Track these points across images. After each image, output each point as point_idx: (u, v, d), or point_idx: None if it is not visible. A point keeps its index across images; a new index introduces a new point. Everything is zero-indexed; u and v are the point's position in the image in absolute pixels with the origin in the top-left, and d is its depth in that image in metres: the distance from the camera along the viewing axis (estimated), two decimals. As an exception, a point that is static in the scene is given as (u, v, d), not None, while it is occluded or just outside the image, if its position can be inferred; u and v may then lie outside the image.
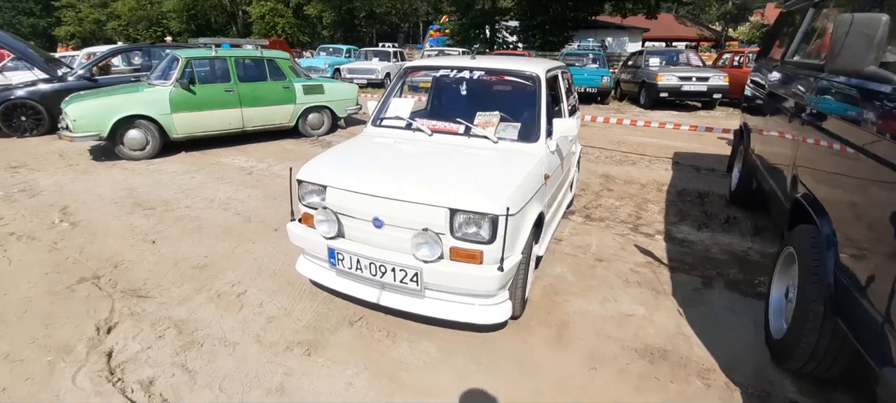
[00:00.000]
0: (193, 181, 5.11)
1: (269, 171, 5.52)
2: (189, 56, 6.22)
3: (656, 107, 10.57)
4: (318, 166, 2.58)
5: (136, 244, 3.51)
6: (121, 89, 6.17)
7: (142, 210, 4.22)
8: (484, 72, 3.10)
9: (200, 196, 4.61)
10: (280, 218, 4.03)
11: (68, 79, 7.65)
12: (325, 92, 7.41)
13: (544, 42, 21.51)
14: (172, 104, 6.03)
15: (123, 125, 5.81)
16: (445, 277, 2.21)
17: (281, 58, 7.12)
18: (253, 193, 4.70)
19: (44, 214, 4.11)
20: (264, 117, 6.89)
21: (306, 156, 6.42)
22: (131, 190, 4.80)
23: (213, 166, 5.75)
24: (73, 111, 5.51)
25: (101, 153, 6.24)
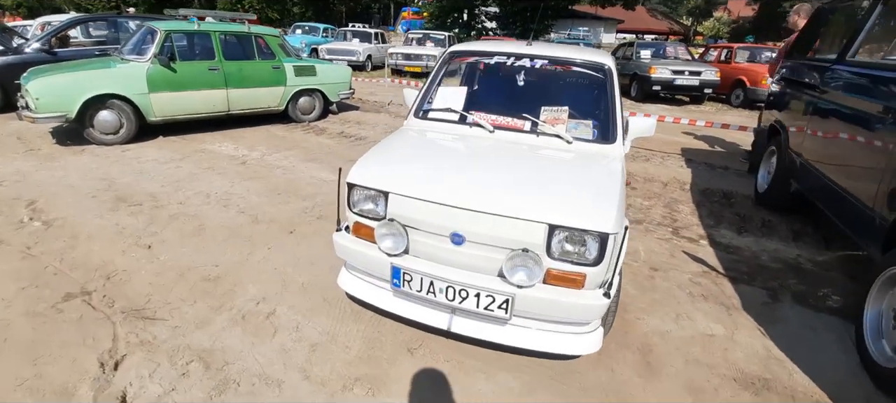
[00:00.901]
0: (180, 171, 4.54)
1: (264, 161, 5.00)
2: (169, 29, 5.54)
3: (647, 101, 10.52)
4: (374, 167, 2.19)
5: (128, 249, 2.99)
6: (89, 64, 5.44)
7: (126, 206, 3.66)
8: (547, 60, 2.76)
9: (193, 189, 4.07)
10: (291, 217, 3.58)
11: (24, 51, 6.75)
12: (317, 74, 6.86)
13: (524, 29, 21.26)
14: (150, 82, 5.37)
15: (93, 105, 5.12)
16: (540, 304, 1.89)
17: (270, 35, 6.51)
18: (252, 187, 4.20)
19: (8, 210, 3.50)
20: (252, 100, 6.29)
21: (299, 143, 5.97)
22: (109, 181, 4.20)
23: (198, 154, 5.16)
24: (36, 88, 4.79)
25: (66, 136, 5.51)
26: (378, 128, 6.82)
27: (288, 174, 4.61)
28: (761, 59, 10.70)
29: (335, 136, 6.24)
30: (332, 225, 3.48)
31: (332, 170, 4.80)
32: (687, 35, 32.58)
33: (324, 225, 3.47)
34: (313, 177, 4.55)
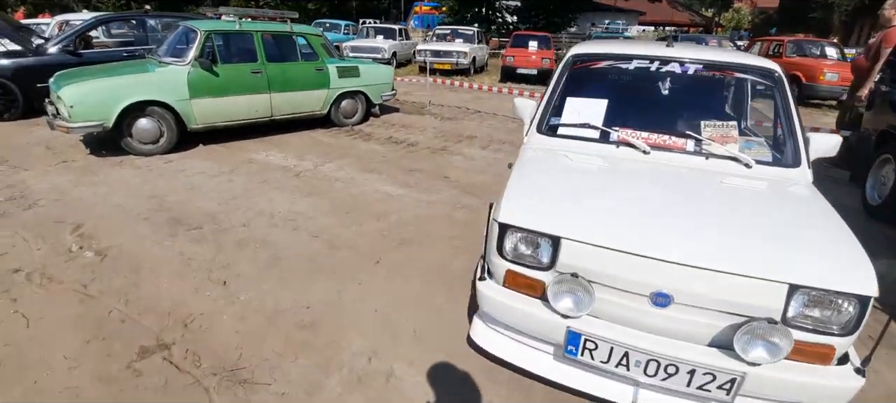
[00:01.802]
0: (234, 186, 4.13)
1: (318, 173, 4.58)
2: (209, 29, 5.13)
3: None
4: (533, 204, 1.75)
5: (201, 286, 2.59)
6: (125, 68, 5.05)
7: (185, 230, 3.26)
8: (700, 65, 2.30)
9: (253, 208, 3.67)
10: (371, 242, 3.16)
11: (47, 53, 6.38)
12: (360, 75, 6.43)
13: (547, 23, 20.70)
14: (191, 88, 4.97)
15: (132, 113, 4.73)
16: (775, 385, 1.46)
17: (312, 34, 6.09)
18: (317, 205, 3.79)
19: (53, 237, 3.11)
20: (295, 104, 5.88)
21: (349, 151, 5.58)
22: (159, 198, 3.80)
23: (246, 165, 4.76)
24: (70, 95, 4.40)
25: (100, 145, 5.13)
26: (427, 132, 6.39)
27: (349, 188, 4.19)
28: (812, 53, 10.14)
29: (384, 142, 5.81)
30: (419, 251, 3.07)
31: (394, 180, 4.38)
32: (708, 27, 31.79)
33: (411, 253, 3.05)
34: (378, 191, 4.13)
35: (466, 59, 12.24)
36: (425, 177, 4.52)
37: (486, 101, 9.10)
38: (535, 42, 11.89)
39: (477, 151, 5.52)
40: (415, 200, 3.94)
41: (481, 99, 9.43)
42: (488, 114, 7.78)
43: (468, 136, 6.19)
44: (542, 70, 11.25)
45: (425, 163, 4.96)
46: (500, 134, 6.40)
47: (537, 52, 11.62)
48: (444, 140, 5.99)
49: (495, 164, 5.03)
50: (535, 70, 11.27)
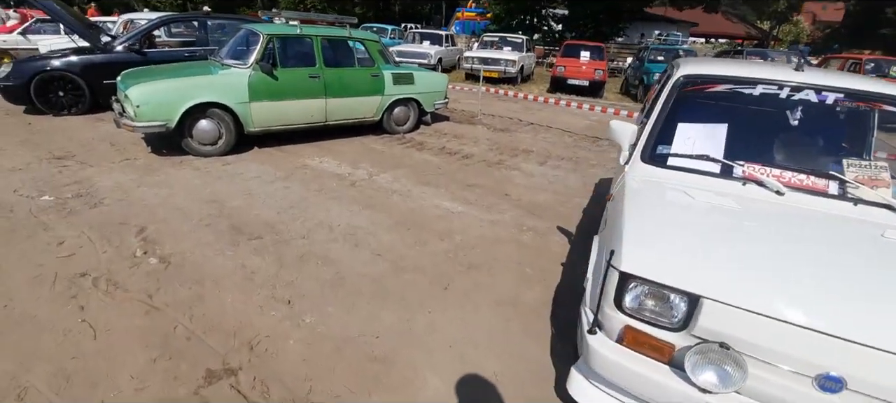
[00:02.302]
0: (290, 193, 4.05)
1: (374, 183, 4.45)
2: (271, 33, 5.11)
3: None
4: (663, 252, 1.51)
5: (266, 304, 2.47)
6: (189, 70, 5.09)
7: (246, 239, 3.17)
8: (842, 94, 2.00)
9: (312, 219, 3.56)
10: (436, 264, 2.98)
11: (114, 51, 6.56)
12: (415, 82, 6.31)
13: (596, 32, 20.19)
14: (251, 91, 4.95)
15: (193, 114, 4.74)
16: None
17: (370, 39, 6.01)
18: (375, 218, 3.64)
19: (118, 239, 3.08)
20: (349, 110, 5.80)
21: (402, 161, 5.30)
22: (219, 204, 3.75)
23: (301, 171, 4.69)
24: (138, 94, 4.44)
25: (161, 143, 5.18)
26: (480, 143, 6.19)
27: (407, 201, 4.03)
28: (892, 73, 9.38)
29: (438, 153, 5.65)
30: (488, 277, 2.86)
31: (453, 195, 4.20)
32: (763, 40, 30.30)
33: (480, 279, 2.84)
34: (437, 207, 3.95)
35: (514, 68, 12.00)
36: (485, 194, 4.31)
37: (536, 112, 8.83)
38: (587, 52, 11.52)
39: (535, 167, 5.28)
40: (477, 219, 3.74)
41: (531, 109, 9.17)
42: (542, 127, 7.51)
43: (524, 150, 5.95)
44: (595, 81, 10.88)
45: (483, 178, 4.76)
46: (558, 149, 6.13)
47: (589, 62, 11.24)
48: (500, 153, 5.77)
49: (556, 182, 4.77)
50: (588, 81, 10.90)
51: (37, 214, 3.41)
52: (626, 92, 12.15)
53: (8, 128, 5.72)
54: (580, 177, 4.98)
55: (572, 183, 4.80)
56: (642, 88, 10.39)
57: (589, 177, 5.00)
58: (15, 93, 6.19)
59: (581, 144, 6.47)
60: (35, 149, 4.97)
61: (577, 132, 7.26)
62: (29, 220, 3.30)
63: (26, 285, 2.53)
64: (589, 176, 5.07)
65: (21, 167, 4.39)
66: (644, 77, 10.31)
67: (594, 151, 6.12)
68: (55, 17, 6.39)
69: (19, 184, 3.98)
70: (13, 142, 5.17)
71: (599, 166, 5.45)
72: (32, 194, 3.77)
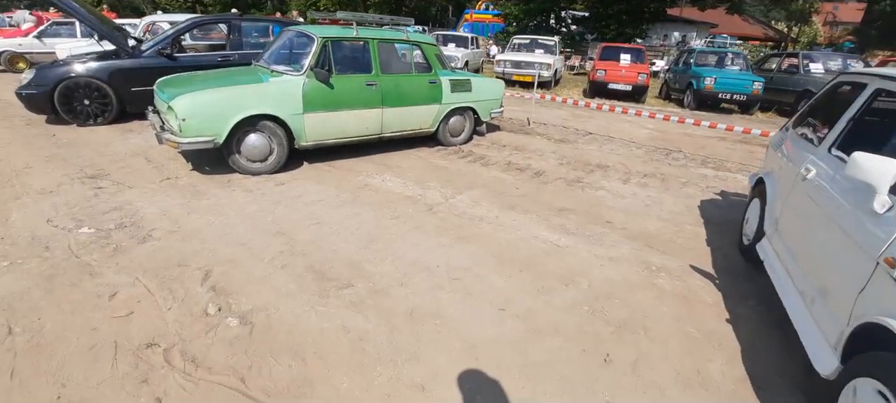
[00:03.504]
0: (363, 222, 3.49)
1: (452, 207, 3.89)
2: (326, 36, 4.56)
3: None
4: None
5: (394, 391, 1.90)
6: (234, 77, 4.53)
7: (335, 288, 2.60)
8: None
9: (400, 256, 2.99)
10: (578, 324, 2.41)
11: (142, 56, 6.02)
12: (472, 89, 5.74)
13: (618, 34, 19.62)
14: (305, 101, 4.40)
15: (242, 127, 4.19)
16: None
17: (427, 43, 5.45)
18: (476, 256, 3.07)
19: (181, 289, 2.52)
20: (406, 120, 5.24)
21: (473, 179, 4.60)
22: (286, 235, 3.19)
23: (365, 192, 4.13)
24: (184, 106, 3.89)
25: (203, 159, 4.64)
26: (547, 157, 5.61)
27: (501, 231, 3.47)
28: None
29: (506, 168, 5.08)
30: (649, 342, 2.25)
31: (548, 223, 3.63)
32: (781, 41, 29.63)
33: (641, 345, 2.27)
34: (536, 238, 3.38)
35: (549, 72, 11.43)
36: (583, 221, 3.75)
37: (587, 120, 8.25)
38: (627, 54, 10.94)
39: (620, 186, 4.70)
40: (590, 255, 3.17)
41: (579, 116, 8.59)
42: (601, 136, 6.93)
43: (598, 165, 5.38)
44: (638, 86, 10.29)
45: (569, 200, 4.19)
46: (634, 163, 5.55)
47: (630, 65, 10.66)
48: (572, 168, 5.20)
49: (653, 205, 4.19)
50: (631, 86, 10.31)
51: (78, 253, 2.85)
52: (667, 96, 11.56)
53: (32, 141, 5.19)
54: (677, 199, 4.40)
55: (672, 206, 4.22)
56: (691, 94, 9.79)
57: (686, 199, 4.42)
58: (37, 102, 5.66)
59: (654, 157, 5.89)
60: (64, 165, 4.43)
61: (641, 143, 6.68)
62: (70, 262, 2.75)
63: (81, 359, 1.97)
64: (684, 196, 4.49)
65: (51, 189, 3.85)
66: (693, 81, 9.71)
67: (675, 166, 5.53)
68: (81, 20, 5.86)
69: (52, 211, 3.43)
70: (40, 157, 4.63)
71: (691, 184, 4.87)
72: (69, 225, 3.22)
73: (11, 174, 4.16)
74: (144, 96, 6.01)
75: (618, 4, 19.36)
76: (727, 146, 6.82)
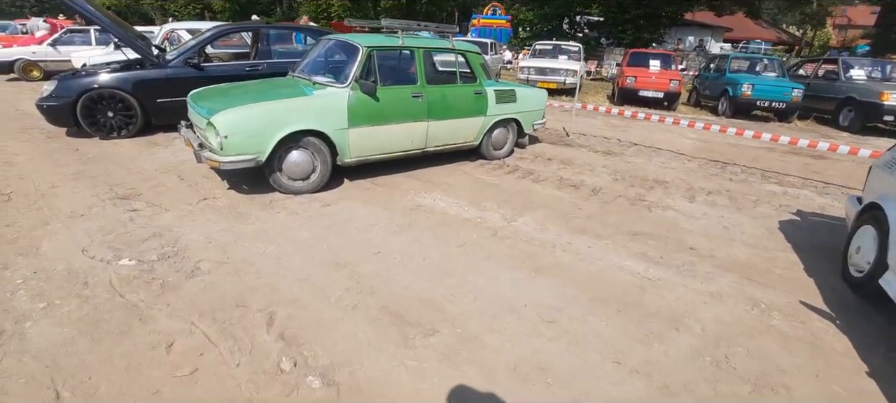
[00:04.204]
0: (427, 251, 3.17)
1: (519, 232, 3.57)
2: (372, 45, 4.26)
3: (864, 133, 8.44)
4: None
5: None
6: (275, 90, 4.23)
7: (420, 335, 2.29)
8: None
9: (480, 293, 2.67)
10: (709, 378, 2.08)
11: (168, 65, 5.74)
12: (517, 100, 5.43)
13: (635, 38, 19.34)
14: (350, 114, 4.10)
15: (284, 143, 3.89)
16: None
17: (472, 51, 5.14)
18: (561, 290, 2.75)
19: (246, 337, 2.20)
20: (450, 134, 4.93)
21: (525, 195, 4.30)
22: (348, 267, 2.88)
23: (418, 214, 3.81)
24: (226, 122, 3.59)
25: (240, 177, 4.34)
26: (598, 172, 5.29)
27: (579, 261, 3.14)
28: None
29: (560, 185, 4.76)
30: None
31: (627, 250, 3.31)
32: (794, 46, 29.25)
33: (793, 410, 1.93)
34: (621, 269, 3.05)
35: (575, 78, 11.11)
36: (663, 247, 3.42)
37: (625, 129, 7.93)
38: (656, 60, 10.62)
39: (686, 204, 4.37)
40: (688, 290, 2.84)
41: (616, 125, 8.27)
42: (647, 148, 6.61)
43: (655, 181, 5.05)
44: (670, 93, 9.96)
45: (641, 222, 3.86)
46: (692, 178, 5.22)
47: (660, 72, 10.33)
48: (629, 185, 4.87)
49: (733, 228, 3.86)
50: (662, 93, 9.98)
51: (121, 290, 2.55)
52: (696, 103, 11.22)
53: (55, 157, 4.90)
54: (754, 220, 4.07)
55: (751, 228, 3.88)
56: (727, 101, 9.45)
57: (764, 220, 4.09)
58: (59, 114, 5.40)
59: (710, 171, 5.55)
60: (92, 184, 4.13)
61: (690, 154, 6.35)
62: (114, 302, 2.44)
63: (146, 437, 1.65)
64: (760, 217, 4.15)
65: (82, 212, 3.55)
66: (729, 88, 9.37)
67: (737, 182, 5.20)
68: (105, 28, 5.59)
69: (86, 238, 3.13)
70: (66, 175, 4.34)
71: (762, 202, 4.53)
72: (107, 256, 2.91)
73: (37, 195, 3.87)
74: (170, 108, 5.76)
75: (635, 9, 19.07)
76: (778, 158, 6.48)
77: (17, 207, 3.62)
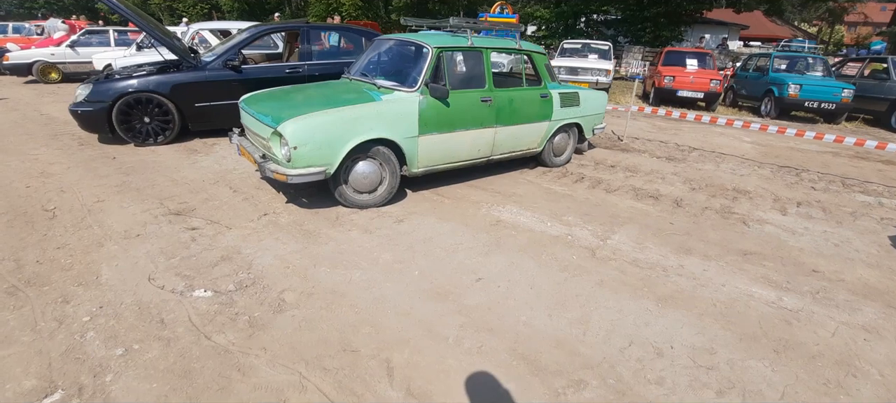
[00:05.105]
0: (529, 276, 2.84)
1: (619, 252, 3.23)
2: (441, 46, 3.93)
3: None
4: None
5: None
6: (338, 95, 3.90)
7: (569, 387, 1.96)
8: None
9: (613, 332, 2.34)
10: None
11: (206, 68, 5.42)
12: (580, 103, 5.09)
13: (654, 37, 18.94)
14: (421, 121, 3.77)
15: (352, 154, 3.56)
16: None
17: (537, 52, 4.80)
18: (697, 325, 2.42)
19: (362, 388, 1.89)
20: (515, 141, 4.59)
21: (605, 208, 3.99)
22: (451, 298, 2.55)
23: (503, 232, 3.48)
24: (295, 132, 3.25)
25: (299, 189, 4.01)
26: (670, 181, 4.95)
27: (700, 287, 2.81)
28: None
29: (636, 196, 4.42)
30: None
31: (743, 272, 2.98)
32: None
33: None
34: (751, 297, 2.72)
35: (608, 78, 10.77)
36: (783, 269, 3.08)
37: (675, 132, 7.57)
38: (693, 59, 10.26)
39: (781, 218, 4.03)
40: (838, 323, 2.50)
41: (664, 128, 7.91)
42: (708, 152, 6.26)
43: (735, 190, 4.70)
44: (711, 93, 9.60)
45: (741, 239, 3.53)
46: (777, 187, 4.87)
47: (699, 71, 9.97)
48: (710, 195, 4.52)
49: (844, 246, 3.52)
50: (702, 93, 9.62)
51: (205, 330, 2.22)
52: (733, 103, 10.85)
53: (93, 166, 4.58)
54: (860, 236, 3.73)
55: (862, 245, 3.55)
56: (772, 102, 9.08)
57: (871, 235, 3.75)
58: (94, 120, 5.08)
59: (787, 179, 5.21)
60: (139, 198, 3.81)
61: (756, 159, 6.01)
62: (201, 346, 2.11)
63: None
64: (866, 232, 3.81)
65: (137, 231, 3.23)
66: (774, 88, 9.01)
67: (822, 191, 4.85)
68: (142, 28, 5.26)
69: (149, 263, 2.81)
70: (109, 187, 4.02)
71: (859, 215, 4.19)
72: (178, 286, 2.59)
73: (83, 211, 3.55)
74: (208, 113, 5.45)
75: (655, 7, 18.67)
76: (848, 163, 6.13)
77: (65, 225, 3.30)
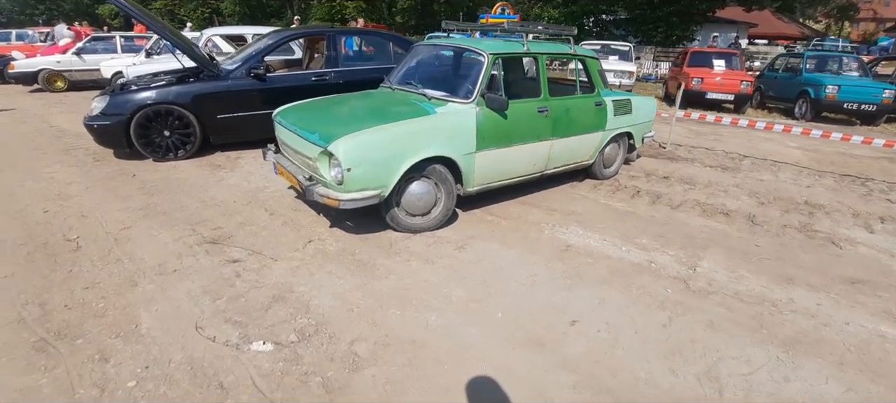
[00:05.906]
0: (625, 316, 2.49)
1: (714, 282, 2.88)
2: (497, 52, 3.58)
3: None
4: None
5: None
6: (388, 108, 3.55)
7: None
8: None
9: (751, 389, 1.99)
10: None
11: (229, 77, 5.06)
12: (632, 110, 4.74)
13: (666, 36, 18.63)
14: (479, 135, 3.42)
15: (407, 174, 3.21)
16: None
17: (591, 58, 4.45)
18: (850, 381, 2.08)
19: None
20: (569, 153, 4.24)
21: (675, 227, 3.64)
22: (545, 346, 2.20)
23: (575, 259, 3.13)
24: (349, 152, 2.90)
25: (337, 210, 3.64)
26: (732, 192, 4.60)
27: (821, 325, 2.47)
28: None
29: (704, 212, 4.07)
30: None
31: (866, 308, 2.62)
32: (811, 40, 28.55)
33: None
34: (884, 337, 2.38)
35: (632, 80, 10.44)
36: (904, 301, 2.73)
37: (717, 137, 7.22)
38: (721, 60, 9.92)
39: (867, 235, 3.70)
40: None
41: (702, 133, 7.57)
42: (759, 160, 5.91)
43: (807, 204, 4.36)
44: (741, 95, 9.26)
45: (838, 263, 3.19)
46: (850, 200, 4.52)
47: (726, 72, 9.64)
48: (782, 210, 4.18)
49: (954, 268, 3.17)
50: (732, 95, 9.28)
51: (275, 397, 1.86)
52: (761, 105, 10.51)
53: (112, 185, 4.23)
54: (966, 256, 3.38)
55: (974, 268, 3.20)
56: (807, 103, 8.75)
57: (978, 255, 3.40)
58: (111, 134, 4.74)
59: (855, 189, 4.87)
60: (169, 223, 3.46)
61: (811, 167, 5.67)
62: (276, 420, 1.75)
63: None
64: (969, 251, 3.47)
65: (174, 265, 2.87)
66: (809, 89, 8.67)
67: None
68: (162, 36, 4.91)
69: (194, 307, 2.45)
70: (134, 211, 3.67)
71: (953, 231, 3.85)
72: (231, 337, 2.23)
73: (109, 241, 3.20)
74: (231, 125, 5.11)
75: (667, 6, 18.36)
76: (905, 169, 5.80)
77: (91, 259, 2.95)
